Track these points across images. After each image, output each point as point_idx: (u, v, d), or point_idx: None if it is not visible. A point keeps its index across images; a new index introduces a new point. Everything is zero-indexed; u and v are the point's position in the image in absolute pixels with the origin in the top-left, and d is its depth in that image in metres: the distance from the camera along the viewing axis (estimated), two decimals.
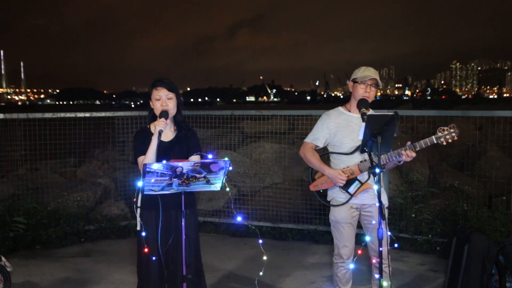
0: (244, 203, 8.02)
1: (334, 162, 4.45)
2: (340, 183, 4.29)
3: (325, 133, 4.45)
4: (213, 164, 3.34)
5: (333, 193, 4.47)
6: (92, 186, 8.26)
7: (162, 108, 3.86)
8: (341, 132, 4.39)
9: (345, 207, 4.40)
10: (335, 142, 4.42)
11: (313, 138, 4.51)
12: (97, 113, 8.00)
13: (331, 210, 4.52)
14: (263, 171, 8.43)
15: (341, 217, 4.43)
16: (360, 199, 4.37)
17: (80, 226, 7.53)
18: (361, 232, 4.64)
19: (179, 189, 3.45)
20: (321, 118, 4.56)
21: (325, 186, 4.48)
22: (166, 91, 3.89)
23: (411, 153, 4.11)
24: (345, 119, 4.43)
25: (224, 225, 8.03)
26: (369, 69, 4.40)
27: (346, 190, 4.34)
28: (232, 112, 8.09)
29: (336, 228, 4.51)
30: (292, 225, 7.63)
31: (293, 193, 7.87)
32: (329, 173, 4.35)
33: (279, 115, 8.59)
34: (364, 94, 4.32)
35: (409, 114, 7.73)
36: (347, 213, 4.41)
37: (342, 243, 4.48)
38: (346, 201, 4.37)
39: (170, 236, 3.89)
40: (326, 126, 4.46)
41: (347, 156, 4.34)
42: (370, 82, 4.33)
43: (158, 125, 3.72)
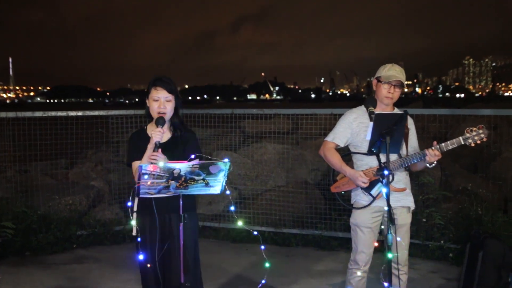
0: (245, 207, 8.02)
1: (357, 162, 4.45)
2: (361, 184, 4.28)
3: (347, 133, 4.44)
4: (212, 166, 3.34)
5: (356, 195, 4.46)
6: (85, 189, 8.26)
7: (159, 111, 3.86)
8: (363, 132, 4.37)
9: (367, 210, 4.39)
10: (357, 142, 4.42)
11: (334, 137, 4.50)
12: (90, 112, 8.00)
13: (353, 212, 4.51)
14: (265, 173, 8.42)
15: (361, 221, 4.42)
16: (383, 202, 4.34)
17: (72, 232, 7.53)
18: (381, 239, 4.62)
19: (177, 192, 3.45)
20: (343, 117, 4.54)
21: (347, 187, 4.47)
22: (165, 92, 3.89)
23: (435, 152, 4.10)
24: (368, 118, 4.41)
25: (224, 230, 8.03)
26: (395, 68, 4.37)
27: (369, 192, 4.33)
28: (233, 110, 8.09)
29: (355, 232, 4.49)
30: (296, 230, 7.63)
31: (297, 197, 7.86)
32: (350, 174, 4.34)
33: (282, 114, 8.59)
34: (387, 95, 4.32)
35: (420, 113, 7.71)
36: (369, 216, 4.40)
37: (360, 249, 4.46)
38: (368, 204, 4.36)
39: (166, 242, 3.89)
40: (348, 125, 4.45)
41: (370, 157, 4.32)
42: (394, 83, 4.32)
43: (155, 135, 3.69)
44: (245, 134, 9.19)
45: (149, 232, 3.89)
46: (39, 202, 7.70)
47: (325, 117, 7.63)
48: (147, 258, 3.85)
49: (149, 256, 3.86)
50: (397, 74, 4.33)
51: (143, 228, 3.87)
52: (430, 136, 7.45)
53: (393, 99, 4.36)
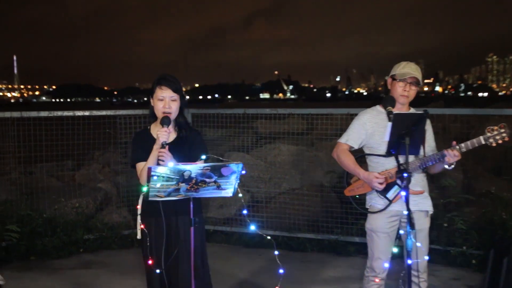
0: (258, 211, 8.01)
1: (372, 165, 4.44)
2: (377, 187, 4.27)
3: (361, 134, 4.44)
4: (224, 168, 3.34)
5: (371, 199, 4.44)
6: (92, 192, 8.30)
7: (164, 111, 3.89)
8: (378, 133, 4.36)
9: (383, 215, 4.37)
10: (372, 144, 4.41)
11: (347, 138, 4.49)
12: (97, 112, 8.02)
13: (368, 217, 4.50)
14: (279, 176, 8.42)
15: (378, 226, 4.40)
16: (400, 205, 4.33)
17: (78, 235, 7.55)
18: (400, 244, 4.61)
19: (187, 194, 3.45)
20: (357, 117, 4.54)
21: (362, 190, 4.46)
22: (170, 92, 3.91)
23: (454, 152, 4.08)
24: (383, 118, 4.40)
25: (236, 234, 8.03)
26: (410, 66, 4.37)
27: (385, 195, 4.31)
28: (245, 110, 8.10)
29: (371, 237, 4.48)
30: (311, 235, 7.61)
31: (312, 200, 7.85)
32: (364, 176, 4.33)
33: (297, 114, 8.58)
34: (402, 93, 4.31)
35: (441, 112, 7.68)
36: (385, 221, 4.38)
37: (376, 255, 4.44)
38: (384, 207, 4.35)
39: (172, 246, 3.90)
40: (362, 126, 4.44)
41: (385, 159, 4.31)
42: (410, 81, 4.31)
43: (161, 135, 3.71)
44: (258, 135, 9.20)
45: (154, 236, 3.91)
46: (45, 205, 7.74)
47: (341, 117, 7.61)
48: (153, 263, 3.87)
49: (155, 261, 3.88)
50: (412, 72, 4.32)
51: (148, 232, 3.88)
52: (452, 137, 7.39)
53: (409, 98, 4.35)
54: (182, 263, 3.87)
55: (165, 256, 3.87)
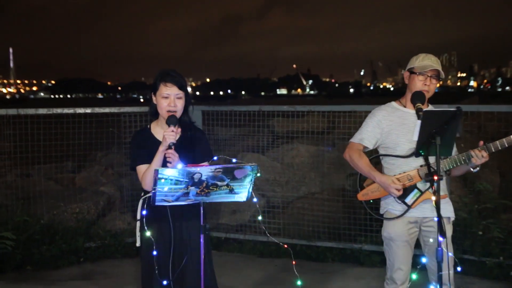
0: (274, 217, 8.02)
1: (388, 167, 4.43)
2: (393, 193, 4.26)
3: (376, 133, 4.43)
4: (238, 170, 3.34)
5: (387, 204, 4.44)
6: (94, 196, 8.33)
7: (169, 109, 3.91)
8: (395, 131, 4.36)
9: (401, 221, 4.37)
10: (388, 144, 4.40)
11: (361, 137, 4.49)
12: (100, 109, 8.05)
13: (384, 224, 4.49)
14: (297, 179, 8.42)
15: (396, 233, 4.39)
16: (420, 211, 4.32)
17: (79, 243, 7.59)
18: (420, 253, 4.60)
19: (197, 199, 3.46)
20: (370, 115, 4.54)
21: (377, 195, 4.46)
22: (176, 89, 3.94)
23: (482, 153, 4.06)
24: (400, 116, 4.40)
25: (250, 242, 8.04)
26: (430, 57, 4.36)
27: (403, 200, 4.30)
28: (260, 107, 8.10)
29: (389, 246, 4.47)
30: (332, 244, 7.60)
31: (333, 205, 7.84)
32: (381, 180, 4.32)
33: (317, 111, 8.56)
34: (422, 88, 4.30)
35: (475, 109, 7.64)
36: (404, 228, 4.37)
37: (396, 265, 4.44)
38: (402, 213, 4.34)
39: (177, 254, 3.91)
40: (377, 124, 4.44)
41: (403, 160, 4.30)
42: (431, 74, 4.31)
43: (168, 136, 3.73)
44: (274, 134, 9.20)
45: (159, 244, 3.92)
46: (42, 210, 7.78)
47: (366, 115, 7.55)
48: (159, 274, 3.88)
49: (162, 272, 3.89)
50: (433, 64, 4.31)
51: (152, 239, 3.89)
52: (488, 136, 7.36)
53: (429, 92, 4.34)
54: (191, 274, 3.89)
55: (173, 266, 3.88)
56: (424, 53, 4.44)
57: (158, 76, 4.00)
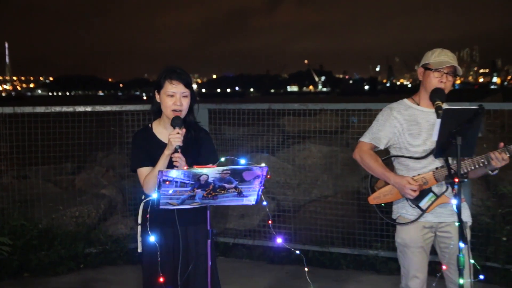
0: (285, 221, 8.02)
1: (401, 168, 4.42)
2: (410, 194, 4.24)
3: (388, 132, 4.43)
4: (246, 172, 3.34)
5: (400, 208, 4.43)
6: (94, 199, 8.35)
7: (174, 108, 3.92)
8: (408, 130, 4.36)
9: (415, 227, 4.36)
10: (401, 144, 4.39)
11: (372, 137, 4.49)
12: (101, 107, 8.07)
13: (398, 230, 4.49)
14: (309, 181, 8.41)
15: (411, 239, 4.39)
16: (435, 216, 4.32)
17: (79, 249, 7.60)
18: (436, 260, 4.59)
19: (204, 202, 3.47)
20: (382, 113, 4.54)
21: (389, 198, 4.45)
22: (182, 87, 3.95)
23: (503, 156, 4.06)
24: (414, 114, 4.40)
25: (259, 248, 8.04)
26: (446, 53, 4.36)
27: (417, 204, 4.30)
28: (270, 105, 8.10)
29: (403, 253, 4.47)
30: (346, 250, 7.60)
31: (347, 209, 7.83)
32: (395, 181, 4.31)
33: (330, 110, 8.55)
34: (438, 85, 4.29)
35: (498, 107, 7.63)
36: (419, 234, 4.37)
37: (411, 273, 4.43)
38: (416, 218, 4.33)
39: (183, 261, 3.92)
40: (389, 123, 4.43)
41: (418, 161, 4.30)
42: (447, 70, 4.30)
43: (174, 140, 3.73)
44: (285, 134, 9.19)
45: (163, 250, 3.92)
46: (40, 214, 7.80)
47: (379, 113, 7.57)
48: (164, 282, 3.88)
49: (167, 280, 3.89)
50: (449, 60, 4.31)
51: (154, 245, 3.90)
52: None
53: (445, 90, 4.33)
54: (197, 282, 3.90)
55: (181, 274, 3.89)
56: (440, 48, 4.43)
57: (163, 73, 4.00)
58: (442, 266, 4.39)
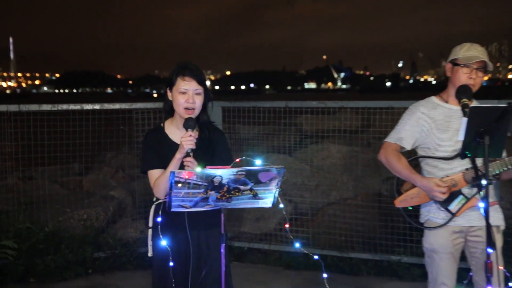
0: (303, 225, 8.02)
1: (428, 170, 4.40)
2: (438, 196, 4.22)
3: (414, 131, 4.42)
4: (262, 173, 3.35)
5: (428, 212, 4.42)
6: (103, 201, 8.38)
7: (186, 106, 3.92)
8: (436, 130, 4.34)
9: (444, 231, 4.35)
10: (428, 144, 4.38)
11: (397, 137, 4.48)
12: (109, 105, 8.08)
13: (426, 234, 4.47)
14: (328, 182, 8.41)
15: (439, 244, 4.37)
16: (466, 219, 4.30)
17: (87, 253, 7.63)
18: (462, 266, 4.58)
19: (218, 205, 3.47)
20: (408, 111, 4.53)
21: (417, 201, 4.44)
22: (195, 84, 3.95)
23: None
24: (441, 112, 4.38)
25: (276, 253, 8.04)
26: (475, 47, 4.34)
27: (446, 207, 4.28)
28: (287, 103, 8.10)
29: (431, 258, 4.45)
30: (367, 255, 7.59)
31: (368, 212, 7.82)
32: (423, 183, 4.29)
33: (349, 108, 8.55)
34: (467, 81, 4.28)
35: None
36: (448, 239, 4.35)
37: (439, 280, 4.42)
38: (446, 222, 4.31)
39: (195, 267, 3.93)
40: (416, 122, 4.42)
41: (446, 162, 4.28)
42: (477, 66, 4.29)
43: (186, 143, 3.74)
44: (302, 133, 9.19)
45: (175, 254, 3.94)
46: (47, 216, 7.84)
47: (404, 112, 7.56)
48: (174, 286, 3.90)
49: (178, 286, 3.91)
50: (479, 55, 4.29)
51: (166, 250, 3.91)
52: None
53: (475, 87, 4.31)
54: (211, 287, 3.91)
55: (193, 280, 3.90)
56: (469, 43, 4.41)
57: (175, 69, 4.01)
58: (470, 272, 4.38)
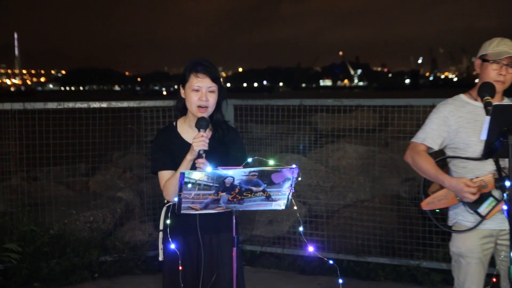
0: (318, 228, 8.00)
1: (457, 171, 4.38)
2: (468, 197, 4.19)
3: (442, 131, 4.39)
4: (275, 173, 3.34)
5: (457, 214, 4.39)
6: (110, 202, 8.39)
7: (199, 104, 3.91)
8: (465, 129, 4.31)
9: (473, 235, 4.32)
10: (457, 144, 4.35)
11: (424, 137, 4.46)
12: (117, 103, 8.09)
13: (453, 238, 4.45)
14: (344, 184, 8.40)
15: (467, 249, 4.35)
16: (496, 223, 4.27)
17: (93, 257, 7.64)
18: (492, 272, 4.54)
19: (229, 207, 3.47)
20: (435, 110, 4.50)
21: (445, 203, 4.41)
22: (209, 81, 3.94)
23: None
24: (470, 111, 4.35)
25: (289, 257, 8.03)
26: (506, 42, 4.32)
27: (476, 210, 4.25)
28: (301, 101, 8.09)
29: (458, 263, 4.43)
30: (384, 260, 7.57)
31: (386, 215, 7.80)
32: (451, 184, 4.26)
33: (366, 106, 8.53)
34: (497, 78, 4.26)
35: None
36: (476, 243, 4.33)
37: (466, 286, 4.39)
38: (475, 225, 4.29)
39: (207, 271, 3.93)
40: (443, 121, 4.39)
41: (476, 163, 4.25)
42: (507, 61, 4.26)
43: (197, 144, 3.71)
44: (317, 132, 9.17)
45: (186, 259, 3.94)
46: (52, 218, 7.85)
47: (424, 110, 7.52)
48: None
49: None
50: (509, 50, 4.26)
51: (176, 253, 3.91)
52: None
53: (505, 84, 4.30)
54: None
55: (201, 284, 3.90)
56: (500, 38, 4.39)
57: (189, 66, 3.99)
58: (493, 278, 4.35)
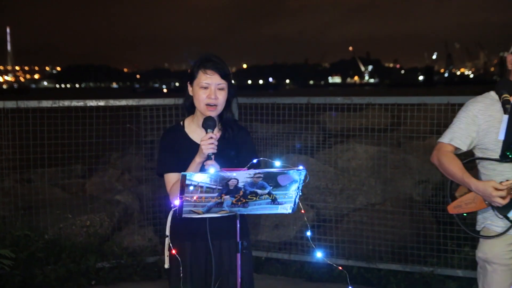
0: (326, 232, 8.01)
1: (486, 173, 4.37)
2: (497, 201, 4.18)
3: (471, 131, 4.36)
4: (282, 175, 3.34)
5: (485, 219, 4.38)
6: (108, 206, 8.40)
7: (208, 102, 3.91)
8: (495, 129, 4.26)
9: (502, 241, 4.31)
10: (486, 144, 4.33)
11: (452, 137, 4.42)
12: (115, 101, 8.09)
13: (480, 243, 4.44)
14: (354, 186, 8.40)
15: (494, 254, 4.34)
16: None
17: (90, 263, 7.64)
18: None
19: (233, 210, 3.47)
20: (464, 109, 4.46)
21: (473, 207, 4.38)
22: (218, 78, 3.94)
23: None
24: (501, 109, 4.33)
25: (296, 263, 8.03)
26: None
27: (505, 214, 4.24)
28: (309, 99, 8.09)
29: (484, 269, 4.42)
30: (396, 266, 7.57)
31: (398, 219, 7.80)
32: (478, 187, 4.24)
33: (378, 104, 8.53)
34: None
35: None
36: (504, 249, 4.32)
37: None
38: (505, 230, 4.28)
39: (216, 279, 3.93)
40: (472, 120, 4.37)
41: (506, 165, 4.22)
42: None
43: (206, 147, 3.72)
44: (326, 132, 9.17)
45: (190, 265, 3.95)
46: (47, 222, 7.86)
47: (439, 108, 7.54)
48: None
49: None
50: None
51: (182, 260, 3.91)
52: None
53: None
54: None
55: None
56: None
57: (197, 61, 3.99)
58: None
